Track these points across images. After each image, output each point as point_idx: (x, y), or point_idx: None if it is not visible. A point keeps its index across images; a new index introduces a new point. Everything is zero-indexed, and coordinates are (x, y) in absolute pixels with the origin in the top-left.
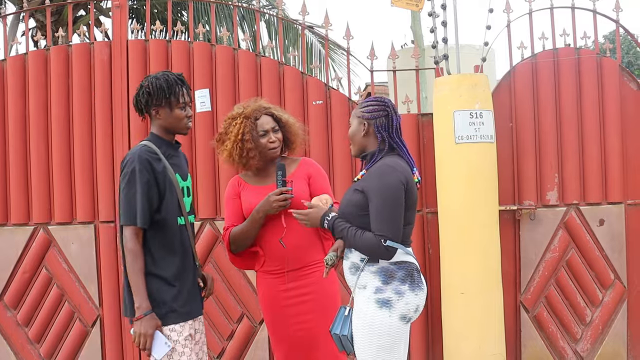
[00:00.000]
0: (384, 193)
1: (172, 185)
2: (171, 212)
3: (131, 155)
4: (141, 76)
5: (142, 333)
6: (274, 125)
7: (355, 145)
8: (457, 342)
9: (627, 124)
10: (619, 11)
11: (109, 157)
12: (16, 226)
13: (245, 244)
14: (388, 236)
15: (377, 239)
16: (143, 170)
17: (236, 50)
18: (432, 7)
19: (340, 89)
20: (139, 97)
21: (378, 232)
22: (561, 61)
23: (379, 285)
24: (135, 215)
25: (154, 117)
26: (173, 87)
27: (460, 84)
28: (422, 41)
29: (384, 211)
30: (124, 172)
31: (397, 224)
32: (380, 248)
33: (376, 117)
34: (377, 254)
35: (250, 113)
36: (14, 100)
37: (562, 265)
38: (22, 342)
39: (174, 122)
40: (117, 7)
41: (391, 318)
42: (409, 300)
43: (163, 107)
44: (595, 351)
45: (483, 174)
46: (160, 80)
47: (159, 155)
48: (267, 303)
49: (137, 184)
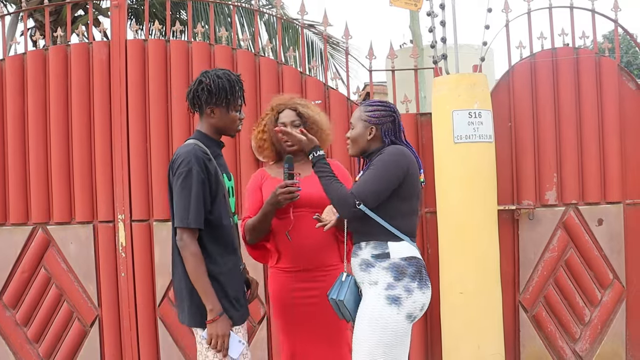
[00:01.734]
0: (379, 164)
1: (222, 186)
2: (223, 213)
3: (185, 154)
4: (140, 76)
5: (220, 334)
6: (294, 120)
7: (356, 147)
8: (456, 342)
9: (626, 124)
10: (617, 11)
11: (107, 157)
12: (15, 226)
13: (258, 236)
14: (361, 197)
15: (351, 196)
16: (200, 170)
17: (235, 50)
18: (431, 7)
19: (339, 88)
20: (198, 93)
21: (355, 190)
22: (560, 61)
23: (391, 282)
24: (194, 217)
25: (207, 116)
26: (234, 88)
27: (459, 83)
28: (420, 41)
29: (372, 177)
30: (178, 172)
31: (377, 193)
32: (347, 204)
33: (383, 123)
34: (342, 208)
35: (276, 106)
36: (12, 100)
37: (561, 265)
38: (21, 341)
39: (228, 123)
40: (116, 6)
41: (398, 315)
42: (417, 299)
43: (221, 107)
44: (594, 351)
45: (482, 173)
46: (223, 80)
47: (209, 155)
48: (277, 300)
49: (194, 185)
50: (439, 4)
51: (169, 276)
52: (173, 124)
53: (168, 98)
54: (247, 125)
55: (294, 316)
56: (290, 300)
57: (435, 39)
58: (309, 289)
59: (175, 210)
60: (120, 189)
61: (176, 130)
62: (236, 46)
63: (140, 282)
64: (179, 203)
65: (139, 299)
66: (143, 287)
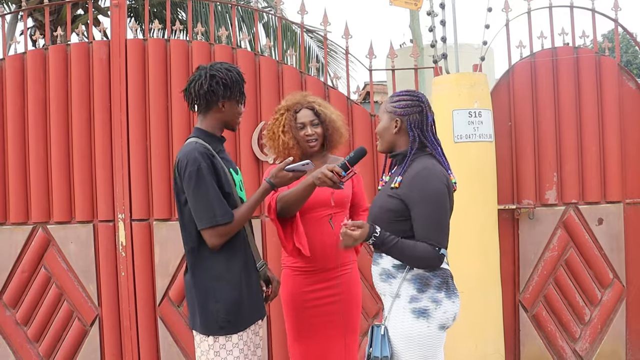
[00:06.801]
0: (430, 200)
1: (229, 181)
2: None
3: (189, 153)
4: (140, 75)
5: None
6: (313, 119)
7: (384, 141)
8: (455, 341)
9: (626, 123)
10: (617, 10)
11: (107, 156)
12: (15, 225)
13: (289, 208)
14: (441, 244)
15: (433, 248)
16: (208, 167)
17: (235, 49)
18: (431, 6)
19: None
20: (213, 87)
21: (430, 240)
22: (560, 60)
23: (414, 294)
24: (221, 212)
25: (215, 111)
26: (243, 81)
27: (459, 83)
28: (421, 40)
29: (434, 219)
30: (188, 173)
31: (447, 231)
32: (436, 257)
33: (409, 114)
34: (433, 263)
35: (291, 106)
36: (12, 99)
37: (561, 265)
38: (21, 341)
39: (234, 117)
40: (116, 6)
41: (430, 329)
42: (447, 309)
43: (232, 100)
44: (594, 350)
45: (482, 173)
46: (233, 73)
47: (212, 151)
48: (290, 300)
49: (208, 181)
50: (439, 4)
51: (169, 276)
52: (173, 123)
53: (168, 97)
54: (248, 122)
55: (307, 317)
56: (303, 302)
57: (435, 39)
58: (323, 289)
59: (196, 213)
60: (120, 188)
61: (176, 130)
62: (236, 45)
63: (140, 281)
64: (199, 204)
65: (139, 298)
66: (143, 286)
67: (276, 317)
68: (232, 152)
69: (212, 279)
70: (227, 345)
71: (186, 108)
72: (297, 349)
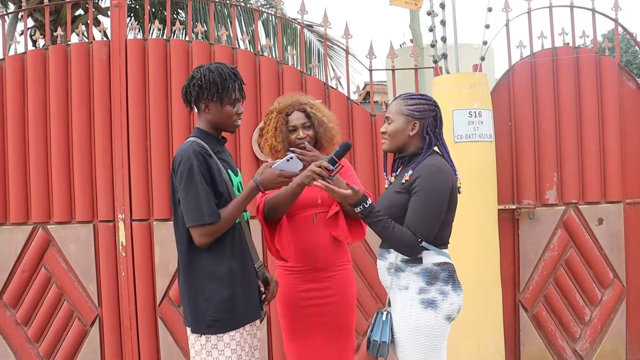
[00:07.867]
0: (430, 193)
1: (224, 182)
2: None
3: (184, 152)
4: (140, 75)
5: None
6: (305, 122)
7: (395, 142)
8: (456, 341)
9: (626, 123)
10: (617, 10)
11: (107, 156)
12: (15, 225)
13: (278, 210)
14: (424, 236)
15: (414, 236)
16: (200, 166)
17: (235, 49)
18: (431, 6)
19: (339, 87)
20: (189, 89)
21: (415, 229)
22: (560, 60)
23: (423, 286)
24: (208, 211)
25: (203, 112)
26: (226, 81)
27: (459, 83)
28: (421, 40)
29: (426, 211)
30: (180, 171)
31: (434, 227)
32: (415, 245)
33: (426, 117)
34: (410, 251)
35: (283, 108)
36: (12, 99)
37: (561, 265)
38: (21, 341)
39: (223, 118)
40: (116, 6)
41: (437, 319)
42: (453, 301)
43: (214, 102)
44: (594, 350)
45: (482, 173)
46: (214, 74)
47: (209, 151)
48: (283, 300)
49: (198, 180)
50: (439, 3)
51: (169, 276)
52: (173, 123)
53: (168, 97)
54: (248, 122)
55: (301, 317)
56: (296, 301)
57: (435, 38)
58: (316, 289)
59: (185, 211)
60: (120, 188)
61: (176, 130)
62: (236, 45)
63: (140, 281)
64: (189, 202)
65: (139, 298)
66: (143, 286)
67: (276, 317)
68: (232, 152)
69: (203, 278)
70: (219, 345)
71: (186, 108)
72: (293, 349)
